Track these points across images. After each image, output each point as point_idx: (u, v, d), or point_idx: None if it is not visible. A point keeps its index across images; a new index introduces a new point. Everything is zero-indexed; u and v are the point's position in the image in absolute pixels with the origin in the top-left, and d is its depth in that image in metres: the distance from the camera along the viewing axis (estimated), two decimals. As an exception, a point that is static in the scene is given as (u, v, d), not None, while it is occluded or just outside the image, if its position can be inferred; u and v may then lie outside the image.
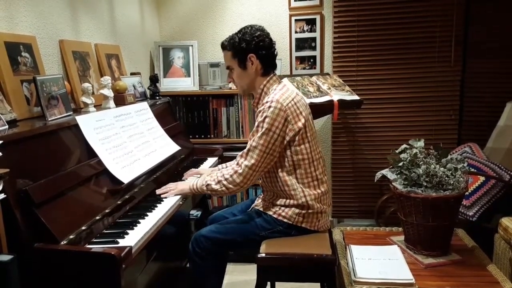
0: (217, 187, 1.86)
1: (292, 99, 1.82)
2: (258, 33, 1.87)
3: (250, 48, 1.85)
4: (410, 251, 1.91)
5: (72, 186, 1.53)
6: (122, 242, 1.45)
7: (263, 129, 1.77)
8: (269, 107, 1.77)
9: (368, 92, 3.24)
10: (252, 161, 1.79)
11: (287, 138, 1.79)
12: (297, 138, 1.80)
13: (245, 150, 1.83)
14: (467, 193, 2.45)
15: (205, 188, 1.89)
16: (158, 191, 1.97)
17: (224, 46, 1.93)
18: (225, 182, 1.84)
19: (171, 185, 2.01)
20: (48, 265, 1.32)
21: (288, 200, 1.85)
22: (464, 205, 2.52)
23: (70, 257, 1.32)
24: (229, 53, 1.90)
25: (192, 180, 1.97)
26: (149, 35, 3.29)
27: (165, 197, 1.93)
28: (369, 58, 3.23)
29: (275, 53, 1.93)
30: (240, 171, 1.81)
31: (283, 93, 1.82)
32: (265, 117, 1.77)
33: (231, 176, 1.83)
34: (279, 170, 1.85)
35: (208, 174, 2.00)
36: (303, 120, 1.81)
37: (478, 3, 3.05)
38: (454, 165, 1.82)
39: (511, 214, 2.14)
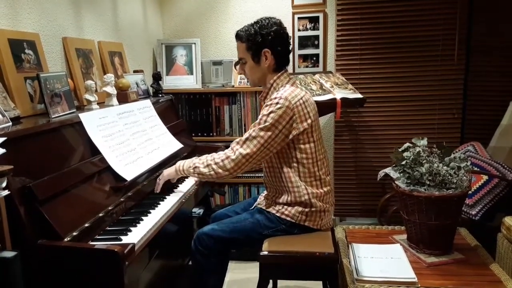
0: (205, 170, 1.83)
1: (301, 98, 1.80)
2: (276, 27, 1.83)
3: (266, 43, 1.82)
4: (412, 249, 1.91)
5: (75, 183, 1.53)
6: (125, 239, 1.45)
7: (266, 124, 1.75)
8: (277, 103, 1.75)
9: (371, 90, 3.23)
10: (248, 150, 1.77)
11: (290, 136, 1.79)
12: (301, 137, 1.79)
13: (242, 138, 1.80)
14: (470, 192, 2.45)
15: (192, 170, 1.87)
16: (155, 190, 1.97)
17: (239, 37, 1.88)
18: (214, 166, 1.81)
19: (159, 178, 2.00)
20: (51, 262, 1.32)
21: (291, 198, 1.85)
22: (467, 204, 2.52)
23: (73, 254, 1.32)
24: (244, 45, 1.86)
25: (179, 162, 1.95)
26: (152, 33, 3.29)
27: (169, 194, 1.93)
28: (372, 56, 3.22)
29: (290, 48, 1.91)
30: (233, 157, 1.78)
31: (292, 91, 1.80)
32: (271, 111, 1.75)
33: (222, 161, 1.80)
34: (284, 166, 1.85)
35: (197, 157, 1.98)
36: (309, 121, 1.80)
37: (482, 1, 3.04)
38: (457, 164, 1.82)
39: (514, 213, 2.13)
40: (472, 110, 3.20)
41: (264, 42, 1.82)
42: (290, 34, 1.76)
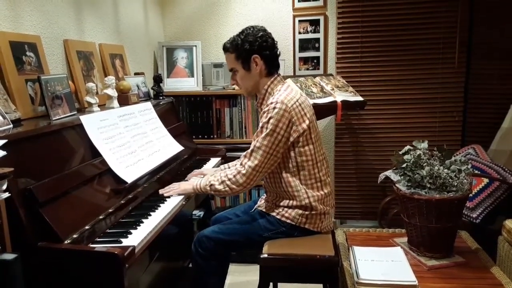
0: (220, 187, 1.85)
1: (297, 100, 1.81)
2: (261, 33, 1.86)
3: (254, 49, 1.84)
4: (413, 252, 1.91)
5: (76, 185, 1.53)
6: (125, 242, 1.45)
7: (268, 130, 1.77)
8: (274, 108, 1.76)
9: (371, 93, 3.23)
10: (256, 161, 1.79)
11: (291, 139, 1.79)
12: (301, 139, 1.80)
13: (248, 151, 1.83)
14: (470, 195, 2.44)
15: (208, 188, 1.89)
16: (161, 191, 1.98)
17: (226, 48, 1.91)
18: (228, 183, 1.83)
19: (174, 185, 2.01)
20: (51, 264, 1.32)
21: (291, 201, 1.85)
22: (468, 207, 2.51)
23: (73, 256, 1.32)
24: (232, 55, 1.89)
25: (196, 180, 1.97)
26: (153, 35, 3.30)
27: (168, 196, 1.93)
28: (373, 59, 3.22)
29: (278, 53, 1.92)
30: (244, 171, 1.81)
31: (287, 94, 1.81)
32: (270, 118, 1.76)
33: (234, 176, 1.82)
34: (283, 171, 1.85)
35: (212, 174, 1.99)
36: (307, 122, 1.81)
37: (483, 4, 3.04)
38: (458, 166, 1.82)
39: (515, 217, 2.13)
40: (472, 113, 3.20)
41: (252, 49, 1.84)
42: (291, 37, 1.77)
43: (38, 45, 1.87)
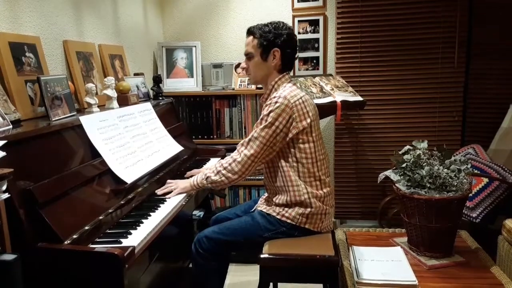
0: (216, 178, 1.87)
1: (301, 98, 1.83)
2: (288, 31, 1.89)
3: (278, 43, 1.86)
4: (413, 252, 1.91)
5: (76, 186, 1.53)
6: (125, 242, 1.45)
7: (266, 123, 1.79)
8: (276, 102, 1.79)
9: (371, 93, 3.23)
10: (252, 151, 1.81)
11: (290, 135, 1.81)
12: (300, 136, 1.81)
13: (246, 139, 1.86)
14: (470, 194, 2.44)
15: (205, 181, 1.91)
16: (159, 191, 1.97)
17: (251, 32, 1.92)
18: (224, 172, 1.85)
19: (171, 183, 2.01)
20: (51, 265, 1.32)
21: (290, 198, 1.85)
22: (468, 207, 2.52)
23: (73, 257, 1.32)
24: (255, 41, 1.90)
25: (193, 178, 1.98)
26: (153, 36, 3.30)
27: (169, 198, 1.93)
28: (372, 59, 3.22)
29: (296, 55, 1.96)
30: (239, 159, 1.83)
31: (291, 91, 1.84)
32: (270, 111, 1.79)
33: (229, 164, 1.85)
34: (283, 165, 1.86)
35: (207, 168, 2.00)
36: (308, 120, 1.82)
37: (482, 4, 3.05)
38: (458, 166, 1.82)
39: (514, 216, 2.13)
40: (472, 112, 3.20)
41: (276, 41, 1.87)
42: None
43: (37, 46, 1.87)
